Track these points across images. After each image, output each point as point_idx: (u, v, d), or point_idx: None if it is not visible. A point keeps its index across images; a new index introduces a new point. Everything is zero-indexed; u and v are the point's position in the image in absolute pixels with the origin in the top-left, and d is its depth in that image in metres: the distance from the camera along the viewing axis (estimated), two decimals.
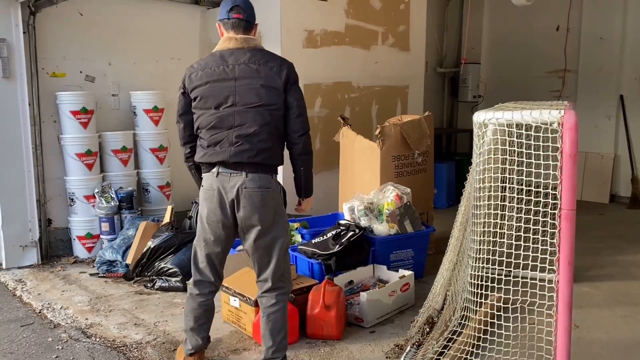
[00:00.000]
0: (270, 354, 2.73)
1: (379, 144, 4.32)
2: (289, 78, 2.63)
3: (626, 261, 4.64)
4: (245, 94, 2.59)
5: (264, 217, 2.63)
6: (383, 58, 5.96)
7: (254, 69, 2.60)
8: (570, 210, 2.24)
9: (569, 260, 2.29)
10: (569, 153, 2.22)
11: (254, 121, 2.58)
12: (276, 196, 2.71)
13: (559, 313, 2.33)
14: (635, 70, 6.77)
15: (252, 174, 2.60)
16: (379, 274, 3.87)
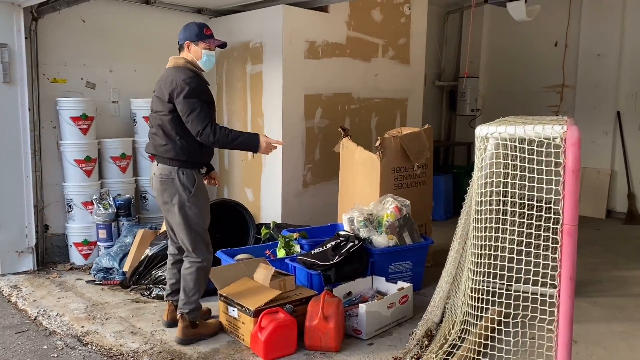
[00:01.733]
0: (181, 305, 3.38)
1: (379, 156, 4.33)
2: (174, 90, 3.18)
3: (623, 277, 4.65)
4: (153, 102, 3.38)
5: (159, 199, 3.39)
6: (383, 70, 5.99)
7: (160, 83, 3.33)
8: (573, 226, 2.26)
9: (570, 276, 2.29)
10: (572, 168, 2.24)
11: (155, 122, 3.35)
12: (175, 185, 3.26)
13: (559, 328, 2.34)
14: (632, 87, 6.83)
15: (160, 164, 3.32)
16: (378, 285, 3.86)
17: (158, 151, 3.31)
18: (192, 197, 3.27)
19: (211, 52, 3.38)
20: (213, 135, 3.19)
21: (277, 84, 5.16)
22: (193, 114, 3.17)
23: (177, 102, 3.18)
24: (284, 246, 4.16)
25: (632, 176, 6.87)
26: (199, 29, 3.36)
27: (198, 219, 3.30)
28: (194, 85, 3.19)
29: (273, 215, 5.25)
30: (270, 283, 3.43)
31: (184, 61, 3.32)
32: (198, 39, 3.33)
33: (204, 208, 3.36)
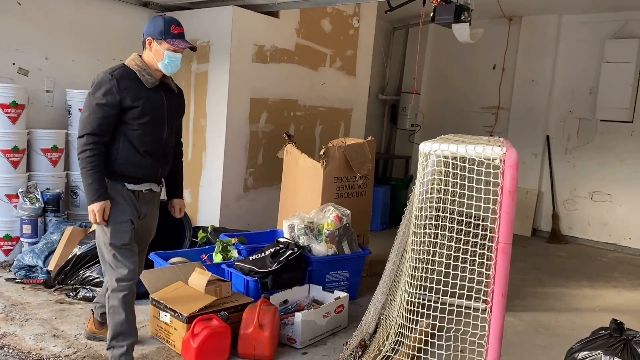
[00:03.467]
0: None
1: (322, 164, 4.34)
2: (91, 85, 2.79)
3: (546, 293, 4.89)
4: None
5: None
6: (330, 80, 6.04)
7: None
8: (507, 244, 2.34)
9: (502, 292, 2.38)
10: (509, 189, 2.33)
11: None
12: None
13: (489, 343, 2.42)
14: (561, 113, 7.23)
15: None
16: (314, 294, 3.86)
17: None
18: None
19: (176, 54, 2.84)
20: (80, 151, 2.72)
21: (223, 85, 5.08)
22: (81, 115, 2.76)
23: None
24: (221, 251, 4.09)
25: (557, 197, 7.26)
26: (166, 25, 2.82)
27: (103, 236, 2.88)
28: (100, 84, 2.71)
29: (211, 218, 5.15)
30: (206, 289, 3.36)
31: (131, 58, 2.87)
32: (162, 37, 2.80)
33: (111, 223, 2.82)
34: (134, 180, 2.87)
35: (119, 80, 2.73)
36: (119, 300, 2.85)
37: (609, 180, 6.92)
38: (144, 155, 2.85)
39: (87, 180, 2.72)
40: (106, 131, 2.74)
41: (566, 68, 7.18)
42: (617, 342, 2.49)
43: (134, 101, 2.76)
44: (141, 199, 2.92)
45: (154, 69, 2.85)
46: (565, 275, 5.53)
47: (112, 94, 2.70)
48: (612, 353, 2.44)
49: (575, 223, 7.18)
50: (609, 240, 6.91)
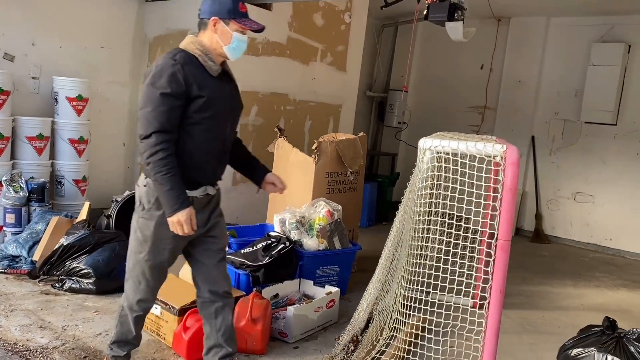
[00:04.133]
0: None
1: (314, 159, 4.33)
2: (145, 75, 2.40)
3: (531, 291, 4.95)
4: None
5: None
6: (320, 75, 6.02)
7: None
8: (507, 241, 2.36)
9: (500, 289, 2.40)
10: (510, 186, 2.34)
11: None
12: (136, 198, 2.49)
13: (486, 339, 2.43)
14: (547, 114, 7.33)
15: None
16: (305, 288, 3.85)
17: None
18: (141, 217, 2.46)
19: (244, 36, 2.46)
20: (149, 153, 2.26)
21: None
22: (142, 111, 2.30)
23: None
24: None
25: (541, 198, 7.36)
26: (233, 2, 2.43)
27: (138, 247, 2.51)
28: (161, 71, 2.29)
29: None
30: None
31: (188, 42, 2.42)
32: (230, 17, 2.41)
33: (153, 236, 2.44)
34: (191, 185, 2.40)
35: (183, 65, 2.31)
36: (133, 318, 2.62)
37: (591, 181, 7.04)
38: (206, 155, 2.43)
39: (165, 187, 2.28)
40: (175, 126, 2.32)
41: (553, 70, 7.27)
42: (609, 339, 2.54)
43: (200, 90, 2.34)
44: (196, 206, 2.41)
45: (217, 53, 2.43)
46: (549, 274, 5.60)
47: (177, 81, 2.29)
48: (605, 350, 2.48)
49: (558, 223, 7.28)
50: (591, 241, 7.03)
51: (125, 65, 5.64)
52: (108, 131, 5.53)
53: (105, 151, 5.53)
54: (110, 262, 3.88)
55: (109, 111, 5.54)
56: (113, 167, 5.71)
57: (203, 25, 2.46)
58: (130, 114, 5.82)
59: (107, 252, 3.91)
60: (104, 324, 3.40)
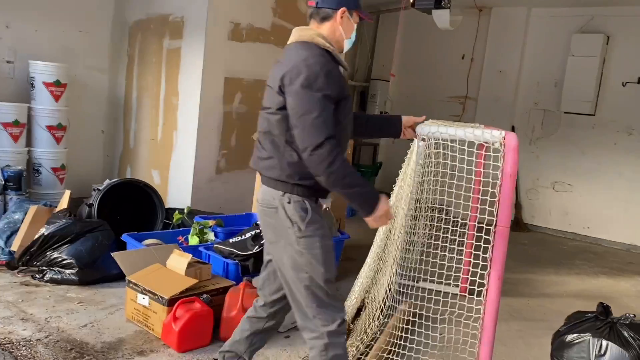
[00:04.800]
0: None
1: None
2: (286, 75, 2.06)
3: (515, 279, 4.99)
4: (265, 95, 2.27)
5: (268, 238, 2.27)
6: None
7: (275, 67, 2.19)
8: (505, 227, 2.35)
9: (499, 276, 2.39)
10: (510, 173, 2.33)
11: (259, 126, 2.27)
12: (282, 220, 2.14)
13: (484, 326, 2.42)
14: (527, 104, 7.40)
15: (263, 185, 2.24)
16: None
17: (259, 166, 2.23)
18: (302, 237, 2.13)
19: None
20: (327, 163, 1.99)
21: (197, 63, 4.91)
22: (306, 117, 2.01)
23: (287, 93, 2.06)
24: (197, 233, 3.97)
25: (520, 187, 7.44)
26: None
27: (314, 271, 2.14)
28: (320, 70, 2.03)
29: (181, 200, 5.00)
30: (186, 271, 3.24)
31: (313, 34, 2.18)
32: (356, 7, 2.24)
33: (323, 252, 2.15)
34: (323, 193, 2.21)
35: (332, 62, 2.13)
36: (342, 346, 2.21)
37: (570, 171, 7.14)
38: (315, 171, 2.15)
39: (357, 188, 2.10)
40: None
41: (533, 60, 7.33)
42: (603, 324, 2.56)
43: (345, 90, 2.16)
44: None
45: (337, 47, 2.24)
46: (531, 262, 5.67)
47: (335, 81, 2.08)
48: (600, 335, 2.50)
49: (537, 212, 7.38)
50: (569, 229, 7.15)
51: (104, 50, 5.48)
52: (87, 118, 5.38)
53: (84, 139, 5.38)
54: (93, 252, 3.77)
55: (88, 97, 5.39)
56: (92, 155, 5.56)
57: (323, 16, 2.21)
58: (109, 100, 5.67)
59: (90, 242, 3.80)
60: (89, 315, 3.30)
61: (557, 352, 2.61)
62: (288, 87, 2.05)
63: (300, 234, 2.12)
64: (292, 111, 2.05)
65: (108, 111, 5.63)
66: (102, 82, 5.53)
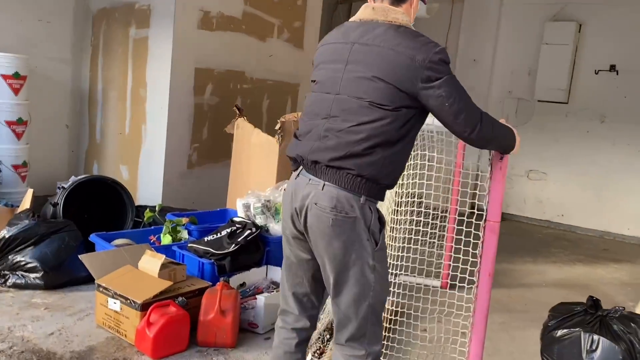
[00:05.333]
0: None
1: (277, 140, 4.13)
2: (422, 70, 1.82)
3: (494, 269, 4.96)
4: (352, 83, 1.90)
5: (332, 250, 1.89)
6: (278, 52, 5.77)
7: (375, 54, 1.88)
8: (496, 222, 2.26)
9: (490, 272, 2.31)
10: (501, 165, 2.24)
11: (355, 114, 1.87)
12: (359, 229, 1.88)
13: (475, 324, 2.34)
14: (501, 93, 7.39)
15: (330, 186, 1.87)
16: (273, 275, 3.67)
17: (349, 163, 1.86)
18: (378, 250, 1.94)
19: None
20: (481, 129, 1.92)
21: (165, 52, 4.70)
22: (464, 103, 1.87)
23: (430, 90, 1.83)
24: (170, 232, 3.79)
25: None
26: None
27: (382, 288, 1.99)
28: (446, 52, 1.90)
29: (152, 197, 4.80)
30: (160, 273, 3.08)
31: (404, 14, 1.97)
32: None
33: (386, 267, 2.06)
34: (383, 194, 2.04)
35: None
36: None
37: (544, 159, 7.17)
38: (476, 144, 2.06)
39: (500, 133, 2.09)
40: None
41: (507, 49, 7.31)
42: (593, 318, 2.51)
43: None
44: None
45: None
46: (508, 252, 5.64)
47: None
48: (590, 330, 2.45)
49: (511, 201, 7.40)
50: (544, 217, 7.19)
51: (66, 40, 5.22)
52: (50, 112, 5.12)
53: (47, 134, 5.12)
54: (59, 254, 3.56)
55: (50, 90, 5.12)
56: (56, 151, 5.31)
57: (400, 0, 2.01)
58: (72, 93, 5.41)
59: (56, 244, 3.59)
60: (56, 322, 3.11)
61: (547, 348, 2.55)
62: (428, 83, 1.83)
63: (377, 247, 1.93)
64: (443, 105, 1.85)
65: (72, 104, 5.37)
66: (65, 74, 5.26)
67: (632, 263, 5.69)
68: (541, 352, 2.64)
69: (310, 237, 1.94)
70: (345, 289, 1.92)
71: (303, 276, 2.09)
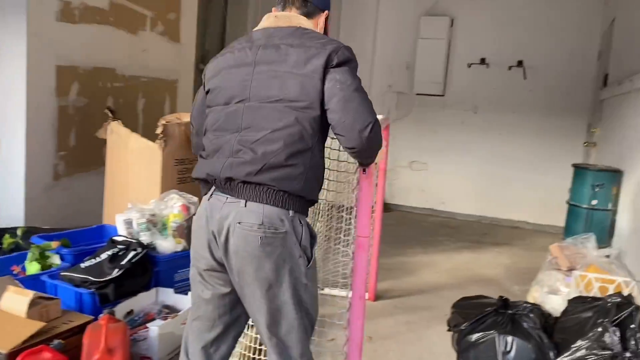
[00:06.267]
0: None
1: (160, 145, 3.73)
2: (331, 59, 1.76)
3: (389, 264, 4.96)
4: (263, 83, 1.77)
5: (263, 275, 1.72)
6: (152, 46, 5.28)
7: (283, 52, 1.78)
8: (365, 238, 2.06)
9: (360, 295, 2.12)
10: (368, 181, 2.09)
11: (268, 121, 1.72)
12: (290, 245, 1.74)
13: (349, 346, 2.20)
14: (381, 87, 7.51)
15: (254, 202, 1.71)
16: (164, 298, 3.31)
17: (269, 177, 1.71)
18: (310, 268, 1.81)
19: None
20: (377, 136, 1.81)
21: (18, 49, 4.03)
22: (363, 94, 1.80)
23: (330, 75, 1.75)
24: (37, 258, 3.25)
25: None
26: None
27: (315, 309, 1.89)
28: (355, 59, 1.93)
29: (12, 217, 4.13)
30: (29, 312, 2.60)
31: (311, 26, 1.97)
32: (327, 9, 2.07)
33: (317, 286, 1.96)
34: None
35: None
36: None
37: (424, 150, 7.42)
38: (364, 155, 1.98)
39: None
40: None
41: (385, 43, 7.44)
42: (505, 319, 2.51)
43: None
44: None
45: None
46: (399, 243, 5.74)
47: None
48: (504, 331, 2.45)
49: (397, 192, 7.58)
50: (427, 206, 7.46)
51: None
52: None
53: None
54: None
55: None
56: None
57: (310, 11, 1.99)
58: None
59: None
60: None
61: (464, 354, 2.52)
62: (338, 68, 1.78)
63: (309, 264, 1.79)
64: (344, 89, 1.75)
65: None
66: None
67: (510, 245, 6.06)
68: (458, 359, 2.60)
69: (234, 266, 1.73)
70: (281, 317, 1.76)
71: (217, 318, 1.84)
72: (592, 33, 6.64)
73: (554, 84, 6.84)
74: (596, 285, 3.06)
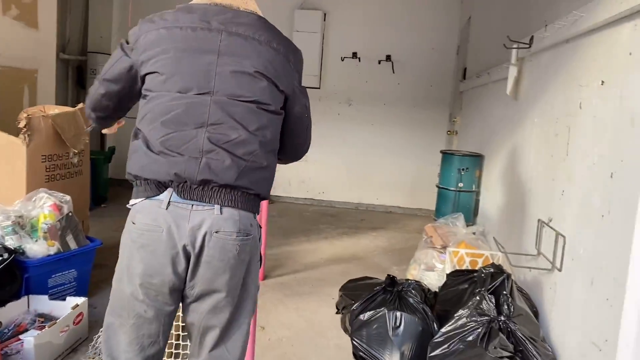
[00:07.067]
0: None
1: (24, 140, 3.39)
2: (299, 75, 1.81)
3: (275, 255, 4.99)
4: (232, 79, 1.62)
5: (236, 282, 1.65)
6: (6, 32, 4.77)
7: (250, 47, 1.66)
8: None
9: None
10: None
11: (243, 120, 1.62)
12: (254, 249, 1.70)
13: None
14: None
15: (230, 208, 1.60)
16: (37, 306, 3.04)
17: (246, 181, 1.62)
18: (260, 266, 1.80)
19: None
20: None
21: None
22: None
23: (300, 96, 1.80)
24: None
25: None
26: None
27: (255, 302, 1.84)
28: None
29: None
30: None
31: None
32: None
33: None
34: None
35: None
36: None
37: None
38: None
39: None
40: None
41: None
42: (392, 296, 2.66)
43: None
44: None
45: None
46: (284, 234, 5.81)
47: None
48: (393, 307, 2.58)
49: (277, 183, 7.57)
50: (307, 196, 7.61)
51: None
52: None
53: None
54: None
55: None
56: None
57: None
58: None
59: None
60: None
61: (357, 333, 2.62)
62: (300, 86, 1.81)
63: (259, 263, 1.77)
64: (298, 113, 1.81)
65: None
66: None
67: (385, 229, 6.40)
68: (351, 337, 2.70)
69: (200, 276, 1.60)
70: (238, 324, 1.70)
71: (160, 334, 1.69)
72: (451, 30, 7.20)
73: (419, 78, 7.31)
74: (467, 260, 3.35)
